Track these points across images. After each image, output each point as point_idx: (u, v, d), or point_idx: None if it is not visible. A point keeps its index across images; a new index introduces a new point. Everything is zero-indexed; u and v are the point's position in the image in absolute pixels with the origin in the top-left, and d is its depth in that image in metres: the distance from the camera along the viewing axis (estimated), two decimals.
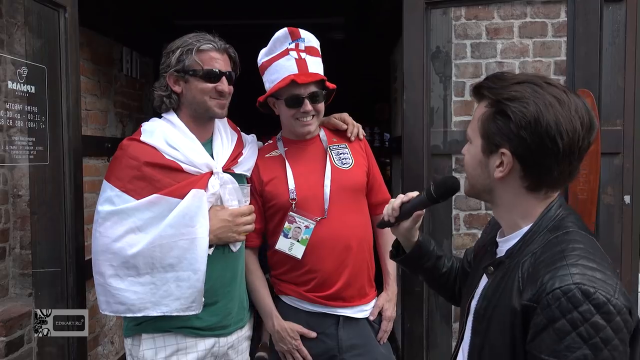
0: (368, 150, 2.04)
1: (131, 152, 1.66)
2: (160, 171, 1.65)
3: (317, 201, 1.86)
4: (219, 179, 1.71)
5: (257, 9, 3.97)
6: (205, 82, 1.70)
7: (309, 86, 1.83)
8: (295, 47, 1.84)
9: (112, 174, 1.67)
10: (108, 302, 1.65)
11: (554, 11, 2.57)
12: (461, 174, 2.66)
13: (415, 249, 1.39)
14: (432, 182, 1.40)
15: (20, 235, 2.35)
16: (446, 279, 1.43)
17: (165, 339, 1.70)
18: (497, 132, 1.05)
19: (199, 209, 1.63)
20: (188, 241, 1.61)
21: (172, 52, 1.71)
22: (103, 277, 1.63)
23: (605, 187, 2.10)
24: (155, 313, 1.63)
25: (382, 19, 3.89)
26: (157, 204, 1.62)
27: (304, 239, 1.85)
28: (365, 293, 1.94)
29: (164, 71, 1.73)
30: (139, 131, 1.74)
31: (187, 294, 1.63)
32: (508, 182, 1.08)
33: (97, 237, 1.64)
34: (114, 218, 1.62)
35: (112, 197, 1.64)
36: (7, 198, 2.32)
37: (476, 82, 1.15)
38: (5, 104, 1.82)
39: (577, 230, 1.05)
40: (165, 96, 1.74)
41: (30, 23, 1.94)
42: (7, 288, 2.31)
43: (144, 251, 1.60)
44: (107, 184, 1.67)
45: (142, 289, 1.62)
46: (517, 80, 1.06)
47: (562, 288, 0.92)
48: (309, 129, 1.90)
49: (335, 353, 1.89)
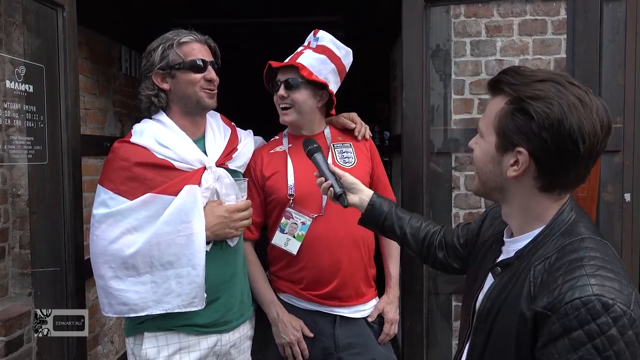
0: (374, 151, 2.04)
1: (122, 154, 1.67)
2: (152, 170, 1.65)
3: (315, 198, 1.87)
4: (213, 173, 1.71)
5: (256, 7, 3.96)
6: (193, 73, 1.70)
7: (286, 72, 1.88)
8: (307, 44, 1.94)
9: (105, 177, 1.68)
10: (110, 304, 1.66)
11: (553, 9, 2.57)
12: (461, 173, 2.65)
13: (367, 209, 1.54)
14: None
15: (20, 235, 2.35)
16: (422, 240, 1.49)
17: (168, 337, 1.70)
18: (516, 130, 1.02)
19: (193, 204, 1.63)
20: (185, 237, 1.62)
21: (153, 51, 1.71)
22: (103, 279, 1.64)
23: (605, 185, 2.09)
24: (157, 311, 1.63)
25: (382, 18, 3.88)
26: (151, 202, 1.62)
27: (299, 235, 1.85)
28: (363, 293, 1.94)
29: (148, 71, 1.72)
30: (130, 133, 1.74)
31: (188, 290, 1.63)
32: (521, 182, 1.06)
33: (95, 241, 1.65)
34: (109, 220, 1.62)
35: (106, 200, 1.64)
36: (6, 197, 2.32)
37: (492, 77, 1.10)
38: (3, 103, 1.81)
39: (592, 237, 1.03)
40: (154, 95, 1.73)
41: (29, 22, 1.93)
42: (7, 288, 2.31)
43: (142, 250, 1.60)
44: (101, 188, 1.67)
45: (143, 288, 1.62)
46: (539, 77, 1.02)
47: (582, 299, 0.91)
48: (284, 119, 1.93)
49: (332, 352, 1.90)
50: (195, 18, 3.27)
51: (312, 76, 1.86)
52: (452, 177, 2.64)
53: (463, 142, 2.56)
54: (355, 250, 1.90)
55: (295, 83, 1.87)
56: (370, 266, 1.97)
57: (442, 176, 2.60)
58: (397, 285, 2.04)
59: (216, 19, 4.10)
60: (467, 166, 2.62)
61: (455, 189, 2.66)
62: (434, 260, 1.49)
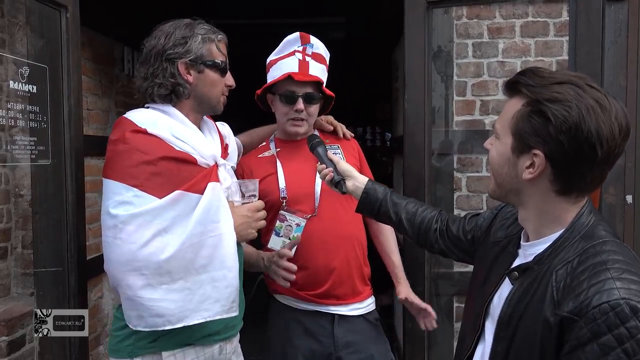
0: (359, 151, 2.09)
1: (142, 147, 1.49)
2: (177, 165, 1.51)
3: (308, 199, 1.89)
4: (227, 171, 1.65)
5: (258, 8, 3.97)
6: (221, 75, 1.64)
7: (305, 86, 1.88)
8: (302, 50, 1.91)
9: (122, 171, 1.48)
10: (141, 317, 1.46)
11: (555, 10, 2.57)
12: (463, 174, 2.66)
13: (362, 197, 1.56)
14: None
15: (22, 235, 2.36)
16: (418, 226, 1.50)
17: (186, 353, 1.57)
18: (532, 132, 1.00)
19: (219, 202, 1.52)
20: (216, 238, 1.49)
21: (188, 38, 1.58)
22: (132, 289, 1.44)
23: (607, 187, 2.09)
24: (196, 321, 1.47)
25: (384, 19, 3.89)
26: (180, 201, 1.47)
27: (295, 237, 1.86)
28: (359, 291, 1.95)
29: (175, 56, 1.56)
30: (131, 122, 1.55)
31: (226, 293, 1.51)
32: (537, 185, 1.04)
33: (119, 245, 1.44)
34: (137, 221, 1.43)
35: (130, 198, 1.45)
36: (9, 198, 2.32)
37: (509, 78, 1.09)
38: (7, 103, 1.82)
39: (613, 240, 1.02)
40: (178, 84, 1.57)
41: (32, 23, 1.94)
42: (9, 287, 2.31)
43: (177, 254, 1.44)
44: (119, 184, 1.47)
45: (178, 296, 1.45)
46: (558, 79, 1.00)
47: (610, 303, 0.90)
48: (297, 130, 1.93)
49: (332, 351, 1.90)
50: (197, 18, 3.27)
51: (327, 91, 1.92)
52: (454, 179, 2.64)
53: (464, 143, 2.56)
54: (350, 248, 1.92)
55: (315, 97, 1.90)
56: (365, 264, 1.99)
57: (444, 177, 2.60)
58: (404, 272, 2.03)
59: (216, 19, 4.10)
60: (469, 167, 2.63)
61: (457, 190, 2.66)
62: (431, 246, 1.50)
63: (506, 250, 1.19)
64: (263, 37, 1.89)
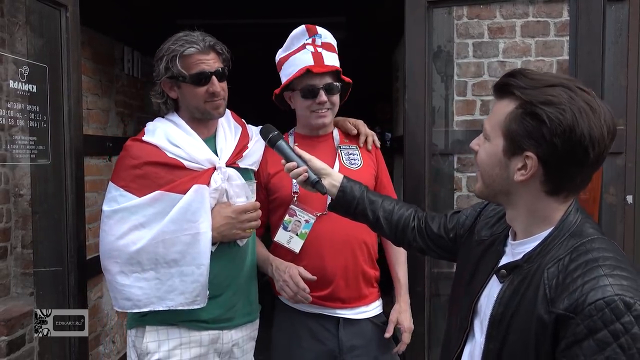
0: (379, 157, 2.05)
1: (134, 152, 1.70)
2: (162, 169, 1.68)
3: (320, 196, 1.86)
4: (222, 174, 1.72)
5: (258, 8, 3.96)
6: (196, 86, 1.70)
7: (324, 77, 1.85)
8: (312, 42, 1.87)
9: (117, 174, 1.71)
10: (115, 298, 1.70)
11: (556, 10, 2.57)
12: (463, 174, 2.65)
13: (339, 195, 1.51)
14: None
15: (22, 235, 2.36)
16: (395, 224, 1.47)
17: (169, 331, 1.73)
18: (526, 134, 1.01)
19: (201, 204, 1.65)
20: (190, 236, 1.64)
21: (160, 59, 1.72)
22: (110, 274, 1.68)
23: (607, 187, 2.09)
24: (160, 308, 1.66)
25: (384, 19, 3.89)
26: (159, 200, 1.65)
27: (302, 233, 1.85)
28: (365, 295, 1.92)
29: (157, 78, 1.75)
30: (143, 131, 1.78)
31: (191, 288, 1.65)
32: (527, 185, 1.05)
33: (103, 236, 1.68)
34: (117, 216, 1.66)
35: (116, 196, 1.68)
36: (9, 197, 2.32)
37: (497, 79, 1.09)
38: (6, 103, 1.82)
39: (602, 237, 1.04)
40: (162, 102, 1.78)
41: (32, 22, 1.94)
42: (9, 287, 2.31)
43: (147, 247, 1.63)
44: (112, 185, 1.70)
45: (147, 284, 1.65)
46: (550, 82, 1.01)
47: (605, 299, 0.91)
48: (323, 121, 1.90)
49: (336, 354, 1.88)
50: (197, 18, 3.27)
51: (345, 78, 1.89)
52: (454, 179, 2.64)
53: (465, 143, 2.56)
54: (358, 251, 1.89)
55: (336, 87, 1.88)
56: (373, 268, 1.96)
57: (444, 177, 2.60)
58: (407, 292, 2.01)
59: (217, 19, 4.10)
60: (469, 167, 2.62)
61: (458, 190, 2.66)
62: (409, 244, 1.48)
63: (492, 249, 1.20)
64: (263, 37, 1.89)
